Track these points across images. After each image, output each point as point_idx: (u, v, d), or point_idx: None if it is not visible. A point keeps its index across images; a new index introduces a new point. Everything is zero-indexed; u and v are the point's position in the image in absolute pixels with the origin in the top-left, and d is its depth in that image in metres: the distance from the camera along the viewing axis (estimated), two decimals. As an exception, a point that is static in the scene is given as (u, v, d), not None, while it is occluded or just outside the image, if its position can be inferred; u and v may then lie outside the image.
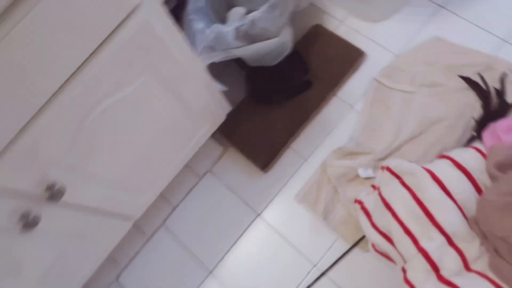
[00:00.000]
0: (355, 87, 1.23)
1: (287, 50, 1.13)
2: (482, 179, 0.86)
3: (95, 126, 0.77)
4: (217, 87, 1.07)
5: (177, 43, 0.84)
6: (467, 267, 0.81)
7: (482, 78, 1.14)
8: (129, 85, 0.79)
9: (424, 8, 1.30)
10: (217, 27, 1.03)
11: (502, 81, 1.13)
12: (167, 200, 1.25)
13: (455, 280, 0.77)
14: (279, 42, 1.11)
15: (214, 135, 1.18)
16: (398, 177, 0.95)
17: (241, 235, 1.17)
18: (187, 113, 1.01)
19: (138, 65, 0.78)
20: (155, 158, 1.02)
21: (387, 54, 1.27)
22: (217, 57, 1.07)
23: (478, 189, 0.87)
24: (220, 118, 1.13)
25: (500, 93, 1.11)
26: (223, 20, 1.21)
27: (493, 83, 1.14)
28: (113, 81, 0.76)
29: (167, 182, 1.14)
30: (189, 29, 1.09)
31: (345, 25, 1.35)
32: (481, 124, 1.07)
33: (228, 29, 1.03)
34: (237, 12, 1.18)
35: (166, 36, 0.80)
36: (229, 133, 1.22)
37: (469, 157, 0.90)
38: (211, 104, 1.07)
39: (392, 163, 0.99)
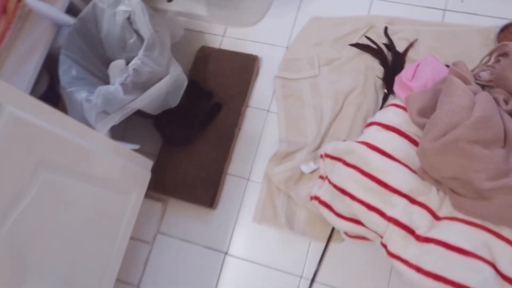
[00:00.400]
0: (263, 91, 1.22)
1: (185, 83, 1.08)
2: (412, 130, 0.89)
3: (14, 234, 0.66)
4: (128, 148, 0.99)
5: (61, 125, 0.75)
6: (436, 217, 0.82)
7: (369, 39, 1.19)
8: (29, 189, 0.69)
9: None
10: (102, 89, 0.95)
11: (387, 35, 1.18)
12: (127, 283, 1.13)
13: (431, 235, 0.78)
14: (171, 79, 1.05)
15: (147, 194, 1.09)
16: (339, 159, 0.95)
17: (218, 280, 1.09)
18: (107, 189, 0.91)
19: (27, 164, 0.68)
20: (93, 245, 0.91)
21: (278, 49, 1.28)
22: (114, 119, 0.99)
23: (413, 141, 0.89)
24: (146, 177, 1.05)
25: (390, 46, 1.17)
26: (104, 79, 1.12)
27: (380, 40, 1.19)
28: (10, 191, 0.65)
29: (118, 265, 1.03)
30: (73, 102, 0.99)
31: (227, 37, 1.33)
32: (387, 80, 1.12)
33: (114, 88, 0.95)
34: (116, 66, 1.11)
35: (44, 123, 0.71)
36: (162, 186, 1.14)
37: (393, 115, 0.92)
38: (130, 168, 0.98)
39: (328, 148, 0.99)
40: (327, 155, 0.98)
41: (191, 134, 1.13)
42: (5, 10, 1.01)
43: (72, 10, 1.09)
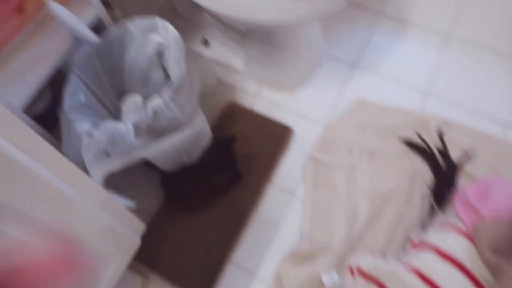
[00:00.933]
0: (291, 170, 1.04)
1: (207, 139, 0.91)
2: (479, 270, 0.70)
3: None
4: (122, 204, 0.79)
5: (41, 159, 0.56)
6: None
7: (421, 138, 1.05)
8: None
9: (336, 70, 1.21)
10: (109, 125, 0.77)
11: (442, 139, 1.04)
12: None
13: None
14: (194, 132, 0.88)
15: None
16: (376, 281, 0.75)
17: None
18: (82, 251, 0.70)
19: None
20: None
21: (315, 125, 1.12)
22: (115, 165, 0.80)
23: (476, 282, 0.70)
24: (133, 244, 0.83)
25: (444, 153, 1.02)
26: (114, 112, 0.95)
27: (431, 141, 1.05)
28: None
29: None
30: (71, 132, 0.80)
31: (261, 98, 1.18)
32: (437, 192, 0.95)
33: (125, 127, 0.77)
34: (133, 102, 0.94)
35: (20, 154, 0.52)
36: (148, 257, 0.91)
37: (454, 243, 0.74)
38: (116, 229, 0.77)
39: (361, 262, 0.80)
40: (361, 272, 0.78)
41: (201, 201, 0.93)
42: (21, 8, 0.86)
43: (97, 28, 0.94)
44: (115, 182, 0.82)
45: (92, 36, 0.89)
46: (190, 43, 1.27)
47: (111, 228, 0.76)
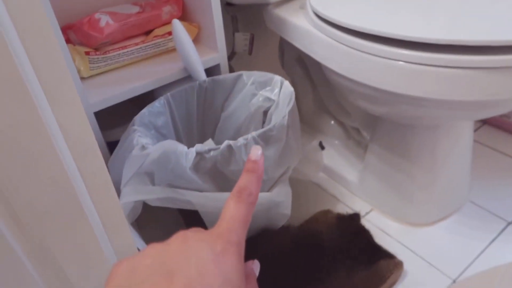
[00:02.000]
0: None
1: (283, 219, 0.66)
2: None
3: None
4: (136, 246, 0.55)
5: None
6: None
7: None
8: None
9: (483, 220, 0.88)
10: (169, 142, 0.59)
11: None
12: None
13: None
14: (268, 201, 0.64)
15: None
16: None
17: None
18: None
19: None
20: None
21: (437, 275, 0.77)
22: (153, 195, 0.59)
23: None
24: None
25: None
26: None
27: None
28: None
29: None
30: (126, 142, 0.65)
31: (369, 221, 0.90)
32: None
33: (186, 150, 0.59)
34: (209, 143, 0.77)
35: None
36: None
37: None
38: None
39: None
40: None
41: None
42: (148, 33, 0.83)
43: (210, 71, 0.86)
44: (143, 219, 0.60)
45: (202, 74, 0.80)
46: (304, 144, 1.11)
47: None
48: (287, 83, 0.75)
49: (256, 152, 0.31)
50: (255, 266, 0.31)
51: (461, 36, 0.61)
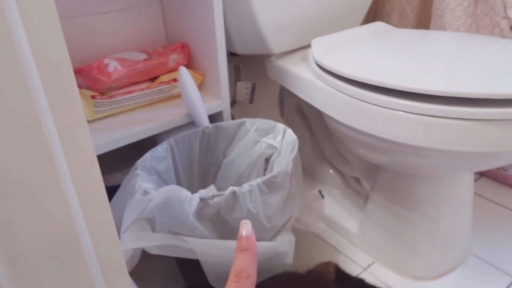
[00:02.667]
0: None
1: (285, 268, 0.64)
2: None
3: None
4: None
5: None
6: None
7: None
8: None
9: (488, 274, 0.86)
10: (172, 187, 0.58)
11: None
12: None
13: None
14: (271, 250, 0.62)
15: None
16: None
17: None
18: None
19: None
20: None
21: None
22: (154, 242, 0.57)
23: None
24: None
25: None
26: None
27: None
28: None
29: None
30: (127, 187, 0.64)
31: (371, 274, 0.88)
32: None
33: (190, 196, 0.58)
34: (211, 189, 0.76)
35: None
36: None
37: None
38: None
39: None
40: None
41: None
42: (154, 79, 0.85)
43: (213, 118, 0.87)
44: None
45: (205, 120, 0.81)
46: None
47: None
48: (290, 131, 0.76)
49: (247, 227, 0.31)
50: None
51: (461, 89, 0.63)
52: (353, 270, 0.89)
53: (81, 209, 0.39)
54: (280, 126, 0.78)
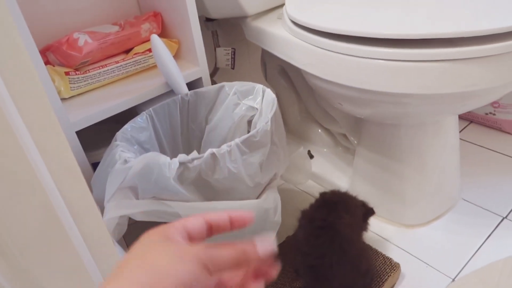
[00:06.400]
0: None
1: (276, 226, 0.64)
2: None
3: None
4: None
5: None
6: None
7: None
8: None
9: (478, 217, 0.87)
10: (150, 156, 0.58)
11: None
12: None
13: None
14: (256, 207, 0.63)
15: None
16: None
17: None
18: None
19: None
20: None
21: (434, 274, 0.76)
22: (138, 208, 0.58)
23: None
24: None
25: None
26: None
27: None
28: None
29: None
30: (108, 158, 0.64)
31: (363, 225, 0.89)
32: None
33: (169, 161, 0.58)
34: (193, 154, 0.76)
35: None
36: None
37: None
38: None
39: None
40: None
41: None
42: (129, 51, 0.84)
43: (192, 84, 0.86)
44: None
45: (183, 87, 0.80)
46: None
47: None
48: (268, 91, 0.75)
49: (266, 246, 0.30)
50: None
51: (435, 30, 0.62)
52: (345, 224, 0.90)
53: (55, 186, 0.39)
54: (259, 86, 0.78)
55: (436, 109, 0.75)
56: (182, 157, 0.59)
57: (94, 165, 0.77)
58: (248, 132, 0.79)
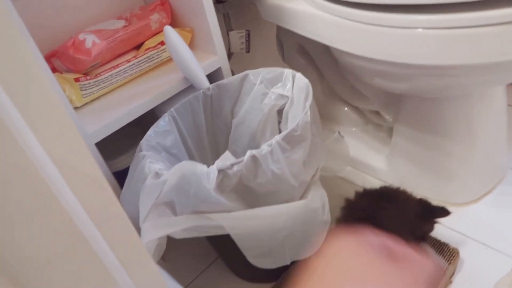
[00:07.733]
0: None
1: (325, 227, 0.59)
2: None
3: None
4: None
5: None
6: None
7: None
8: None
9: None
10: (185, 164, 0.52)
11: None
12: None
13: None
14: (305, 209, 0.57)
15: None
16: None
17: None
18: None
19: None
20: None
21: (490, 253, 0.71)
22: (178, 226, 0.52)
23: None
24: None
25: None
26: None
27: None
28: None
29: None
30: (137, 171, 0.58)
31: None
32: None
33: (206, 170, 0.51)
34: (226, 156, 0.70)
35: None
36: None
37: None
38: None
39: None
40: None
41: None
42: (139, 47, 0.76)
43: (213, 76, 0.79)
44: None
45: (205, 81, 0.73)
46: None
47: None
48: (299, 75, 0.68)
49: None
50: None
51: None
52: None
53: (80, 204, 0.33)
54: (288, 71, 0.70)
55: (486, 80, 0.68)
56: (220, 163, 0.52)
57: (115, 175, 0.71)
58: (279, 123, 0.73)
